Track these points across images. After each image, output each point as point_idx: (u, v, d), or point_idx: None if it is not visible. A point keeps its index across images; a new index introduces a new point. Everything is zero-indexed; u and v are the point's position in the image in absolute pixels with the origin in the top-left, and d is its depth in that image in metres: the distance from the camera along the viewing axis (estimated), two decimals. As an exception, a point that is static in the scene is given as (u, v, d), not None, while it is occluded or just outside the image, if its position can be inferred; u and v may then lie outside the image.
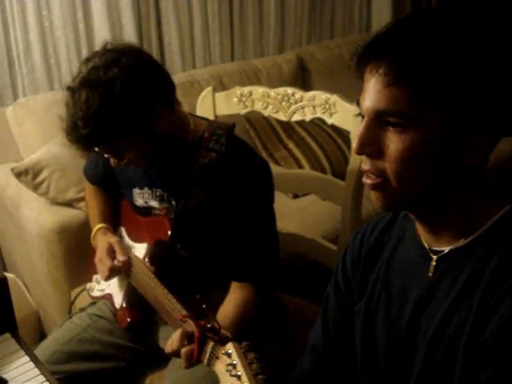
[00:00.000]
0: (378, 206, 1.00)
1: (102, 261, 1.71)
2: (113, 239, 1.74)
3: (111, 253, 1.71)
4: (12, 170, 2.40)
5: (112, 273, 1.69)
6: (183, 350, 1.32)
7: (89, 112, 1.43)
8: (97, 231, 1.81)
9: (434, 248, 1.03)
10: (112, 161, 1.59)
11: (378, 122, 0.93)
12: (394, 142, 0.92)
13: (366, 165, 0.96)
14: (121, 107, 1.45)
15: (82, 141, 1.49)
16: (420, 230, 1.06)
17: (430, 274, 1.03)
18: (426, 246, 1.05)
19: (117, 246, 1.71)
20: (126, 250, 1.72)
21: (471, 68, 0.89)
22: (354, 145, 0.95)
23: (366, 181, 0.98)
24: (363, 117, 0.96)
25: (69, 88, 1.50)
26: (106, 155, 1.59)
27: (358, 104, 0.97)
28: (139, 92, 1.47)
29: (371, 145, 0.94)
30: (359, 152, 0.95)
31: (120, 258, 1.68)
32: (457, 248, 1.00)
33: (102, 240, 1.76)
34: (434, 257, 1.03)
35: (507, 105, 0.93)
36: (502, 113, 0.93)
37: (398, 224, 1.14)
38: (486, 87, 0.90)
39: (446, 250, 1.01)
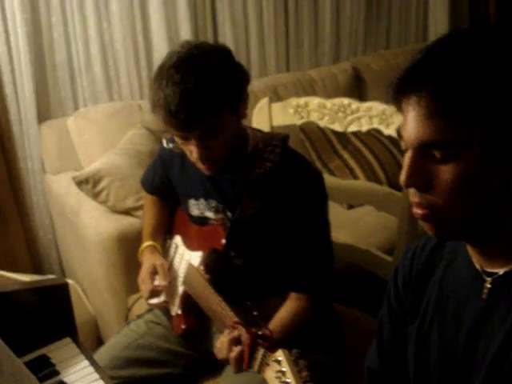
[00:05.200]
0: (432, 236, 0.98)
1: (143, 282, 1.75)
2: (158, 261, 1.77)
3: (153, 275, 1.74)
4: (73, 178, 2.47)
5: (152, 295, 1.74)
6: (232, 354, 1.33)
7: (198, 84, 1.44)
8: (145, 248, 1.85)
9: (487, 270, 1.00)
10: (197, 153, 1.53)
11: (422, 153, 0.91)
12: (441, 173, 0.90)
13: (415, 197, 0.94)
14: (225, 79, 1.49)
15: (188, 116, 1.46)
16: (471, 251, 1.03)
17: (485, 297, 1.00)
18: (478, 267, 1.02)
19: (160, 269, 1.74)
20: (169, 274, 1.76)
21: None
22: (401, 177, 0.93)
23: (417, 211, 0.95)
24: (406, 149, 0.94)
25: (170, 66, 1.48)
26: (193, 146, 1.53)
27: (399, 134, 0.96)
28: (235, 69, 1.54)
29: (418, 177, 0.92)
30: (407, 185, 0.93)
31: (161, 282, 1.72)
32: None
33: (147, 259, 1.80)
34: (488, 279, 0.99)
35: None
36: None
37: (449, 243, 1.11)
38: None
39: (501, 272, 0.98)
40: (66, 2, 2.81)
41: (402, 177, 0.93)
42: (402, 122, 0.94)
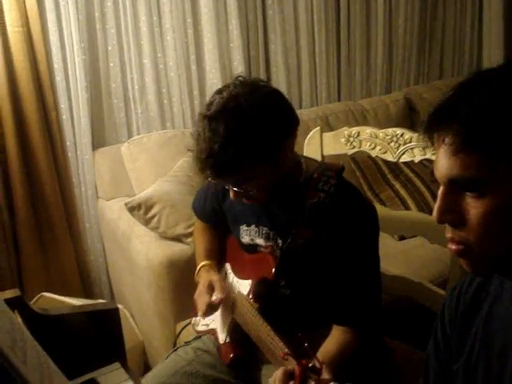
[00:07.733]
0: (468, 272, 0.97)
1: (200, 296, 1.74)
2: (214, 277, 1.77)
3: (210, 290, 1.73)
4: (125, 204, 2.50)
5: (208, 309, 1.71)
6: None
7: (227, 139, 1.43)
8: (201, 268, 1.85)
9: None
10: (233, 193, 1.57)
11: (453, 189, 0.91)
12: (473, 208, 0.89)
13: (449, 232, 0.94)
14: (258, 133, 1.46)
15: (216, 168, 1.48)
16: None
17: None
18: None
19: (217, 284, 1.73)
20: (226, 288, 1.74)
21: None
22: (434, 213, 0.93)
23: (451, 247, 0.95)
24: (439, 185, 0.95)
25: (205, 116, 1.48)
26: (228, 186, 1.58)
27: (432, 173, 0.96)
28: (274, 121, 1.49)
29: (451, 213, 0.92)
30: (439, 221, 0.93)
31: (218, 294, 1.70)
32: None
33: (203, 277, 1.80)
34: None
35: None
36: None
37: (496, 279, 1.09)
38: None
39: None
40: (122, 31, 2.89)
41: (434, 213, 0.93)
42: (435, 159, 0.95)
